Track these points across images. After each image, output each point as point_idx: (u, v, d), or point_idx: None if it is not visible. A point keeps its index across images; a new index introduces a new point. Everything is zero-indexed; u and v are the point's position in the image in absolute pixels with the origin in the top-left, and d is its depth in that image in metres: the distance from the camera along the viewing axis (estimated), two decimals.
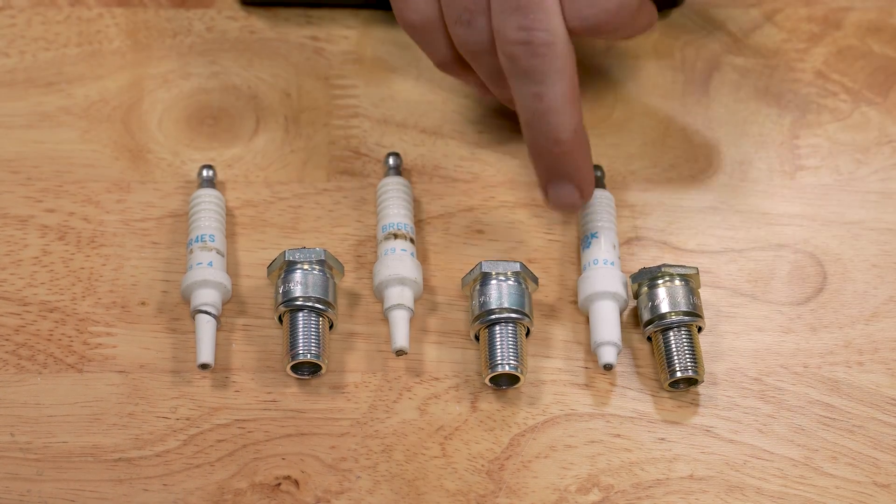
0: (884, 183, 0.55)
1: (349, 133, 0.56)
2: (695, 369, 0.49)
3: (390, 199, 0.53)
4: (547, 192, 0.51)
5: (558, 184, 0.50)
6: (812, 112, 0.57)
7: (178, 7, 0.60)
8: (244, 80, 0.58)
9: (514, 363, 0.49)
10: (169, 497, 0.47)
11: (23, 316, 0.51)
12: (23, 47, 0.58)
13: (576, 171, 0.50)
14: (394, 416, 0.49)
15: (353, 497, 0.47)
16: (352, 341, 0.51)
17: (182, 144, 0.56)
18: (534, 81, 0.48)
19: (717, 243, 0.53)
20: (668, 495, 0.48)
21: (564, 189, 0.50)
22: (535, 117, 0.49)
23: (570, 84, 0.48)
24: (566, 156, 0.49)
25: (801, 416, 0.49)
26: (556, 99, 0.48)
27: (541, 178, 0.51)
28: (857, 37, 0.59)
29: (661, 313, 0.50)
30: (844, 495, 0.48)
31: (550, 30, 0.47)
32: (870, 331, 0.51)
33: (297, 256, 0.50)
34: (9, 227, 0.53)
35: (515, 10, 0.47)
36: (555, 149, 0.49)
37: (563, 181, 0.50)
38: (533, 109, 0.49)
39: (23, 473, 0.47)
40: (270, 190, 0.54)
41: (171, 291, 0.51)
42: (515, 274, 0.50)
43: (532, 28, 0.47)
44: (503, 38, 0.47)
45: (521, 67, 0.48)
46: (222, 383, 0.49)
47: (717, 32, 0.59)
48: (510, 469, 0.48)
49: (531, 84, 0.48)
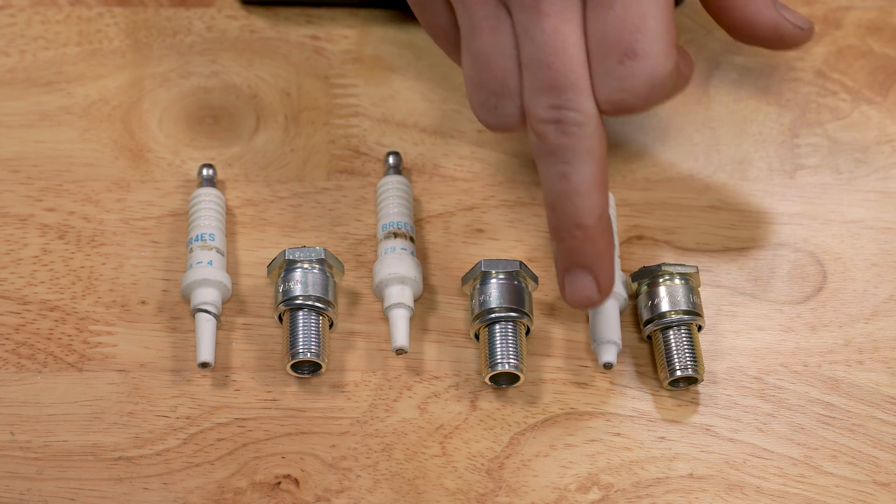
0: (884, 182, 0.55)
1: (349, 132, 0.56)
2: (695, 368, 0.49)
3: (390, 198, 0.53)
4: (564, 282, 0.49)
5: (576, 273, 0.48)
6: (812, 111, 0.57)
7: (178, 6, 0.60)
8: (244, 79, 0.58)
9: (514, 362, 0.49)
10: (169, 496, 0.47)
11: (23, 315, 0.51)
12: (23, 46, 0.58)
13: (596, 260, 0.48)
14: (394, 414, 0.49)
15: (353, 496, 0.47)
16: (352, 340, 0.51)
17: (182, 143, 0.56)
18: (561, 161, 0.46)
19: (717, 242, 0.53)
20: (668, 494, 0.48)
21: (582, 280, 0.48)
22: (560, 198, 0.47)
23: (598, 167, 0.47)
24: (588, 241, 0.47)
25: (800, 415, 0.49)
26: (582, 181, 0.46)
27: (558, 266, 0.48)
28: (857, 36, 0.59)
29: (660, 312, 0.50)
30: (844, 494, 0.48)
31: (582, 110, 0.46)
32: (870, 330, 0.51)
33: (296, 255, 0.50)
34: (9, 226, 0.53)
35: (548, 89, 0.46)
36: (577, 233, 0.47)
37: (582, 271, 0.48)
38: (558, 190, 0.47)
39: (23, 472, 0.47)
40: (270, 189, 0.54)
41: (171, 290, 0.51)
42: (515, 273, 0.50)
43: (563, 107, 0.46)
44: (533, 116, 0.46)
45: (550, 146, 0.46)
46: (222, 382, 0.50)
47: (716, 32, 0.59)
48: (510, 468, 0.48)
49: (558, 163, 0.46)
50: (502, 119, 0.48)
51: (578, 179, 0.46)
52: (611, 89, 0.46)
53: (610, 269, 0.48)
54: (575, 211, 0.47)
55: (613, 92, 0.46)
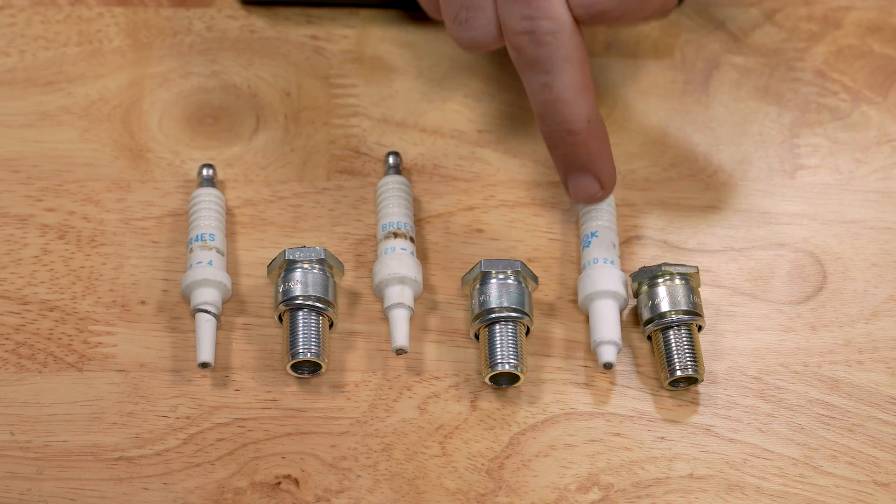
0: (884, 182, 0.55)
1: (349, 132, 0.56)
2: (695, 368, 0.49)
3: (390, 198, 0.53)
4: (567, 184, 0.50)
5: (577, 175, 0.49)
6: (812, 111, 0.57)
7: (178, 6, 0.60)
8: (244, 79, 0.58)
9: (514, 362, 0.49)
10: (169, 496, 0.47)
11: (23, 315, 0.51)
12: (23, 46, 0.58)
13: (593, 161, 0.49)
14: (394, 414, 0.49)
15: (353, 496, 0.47)
16: (352, 340, 0.51)
17: (182, 143, 0.56)
18: (541, 71, 0.47)
19: (717, 242, 0.53)
20: (668, 494, 0.48)
21: (584, 180, 0.50)
22: (546, 108, 0.48)
23: (579, 73, 0.47)
24: (581, 146, 0.48)
25: (800, 415, 0.49)
26: (564, 89, 0.47)
27: (560, 171, 0.50)
28: (857, 36, 0.59)
29: (661, 312, 0.50)
30: (844, 494, 0.48)
31: (554, 17, 0.46)
32: (870, 330, 0.51)
33: (296, 255, 0.50)
34: (9, 227, 0.53)
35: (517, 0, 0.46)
36: (569, 139, 0.48)
37: (582, 172, 0.49)
38: (543, 100, 0.48)
39: (23, 472, 0.47)
40: (270, 189, 0.54)
41: (171, 290, 0.51)
42: (515, 273, 0.50)
43: (535, 17, 0.46)
44: (508, 29, 0.47)
45: (528, 58, 0.47)
46: (222, 382, 0.50)
47: (716, 32, 0.59)
48: (510, 468, 0.48)
49: (539, 74, 0.47)
50: (475, 33, 0.48)
51: (561, 88, 0.47)
52: None
53: (609, 166, 0.49)
54: (563, 119, 0.48)
55: None
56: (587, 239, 0.52)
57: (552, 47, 0.46)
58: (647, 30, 0.59)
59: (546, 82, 0.47)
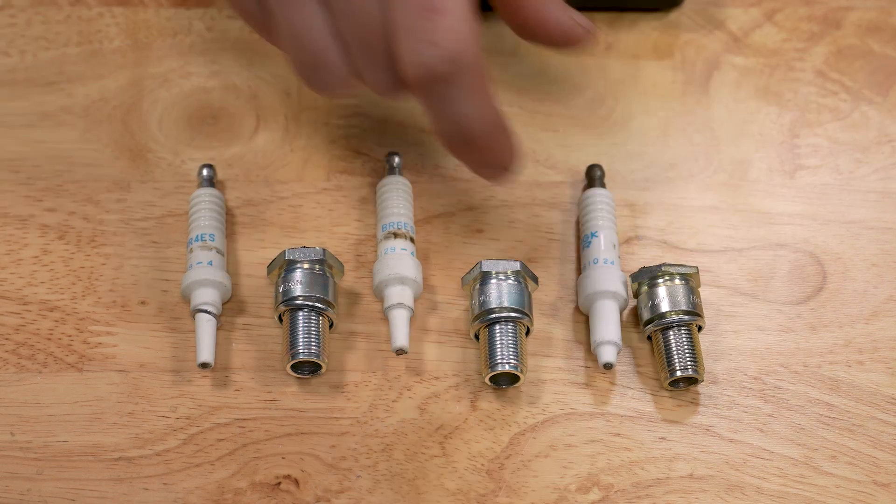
0: (884, 182, 0.55)
1: (349, 132, 0.56)
2: (695, 368, 0.49)
3: (390, 198, 0.53)
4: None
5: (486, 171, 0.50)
6: (812, 111, 0.57)
7: (178, 6, 0.60)
8: (244, 79, 0.58)
9: (514, 362, 0.49)
10: (169, 496, 0.47)
11: (23, 315, 0.51)
12: (23, 47, 0.58)
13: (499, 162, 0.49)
14: (394, 415, 0.49)
15: (354, 496, 0.47)
16: (352, 340, 0.51)
17: (182, 144, 0.56)
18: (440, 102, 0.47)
19: (717, 242, 0.53)
20: (668, 494, 0.48)
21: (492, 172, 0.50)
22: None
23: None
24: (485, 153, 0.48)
25: (800, 416, 0.49)
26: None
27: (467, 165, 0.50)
28: (857, 36, 0.59)
29: (661, 312, 0.50)
30: (844, 494, 0.48)
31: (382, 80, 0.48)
32: (870, 330, 0.51)
33: (296, 255, 0.50)
34: (9, 227, 0.53)
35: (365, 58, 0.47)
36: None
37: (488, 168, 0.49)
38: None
39: (23, 472, 0.47)
40: (270, 189, 0.54)
41: (171, 291, 0.51)
42: (515, 273, 0.50)
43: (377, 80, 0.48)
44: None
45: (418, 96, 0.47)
46: (222, 382, 0.50)
47: (717, 32, 0.59)
48: (510, 468, 0.48)
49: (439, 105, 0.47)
50: (328, 89, 0.49)
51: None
52: (415, 41, 0.45)
53: (507, 158, 0.49)
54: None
55: (418, 44, 0.45)
56: (587, 239, 0.52)
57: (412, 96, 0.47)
58: (647, 30, 0.59)
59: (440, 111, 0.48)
